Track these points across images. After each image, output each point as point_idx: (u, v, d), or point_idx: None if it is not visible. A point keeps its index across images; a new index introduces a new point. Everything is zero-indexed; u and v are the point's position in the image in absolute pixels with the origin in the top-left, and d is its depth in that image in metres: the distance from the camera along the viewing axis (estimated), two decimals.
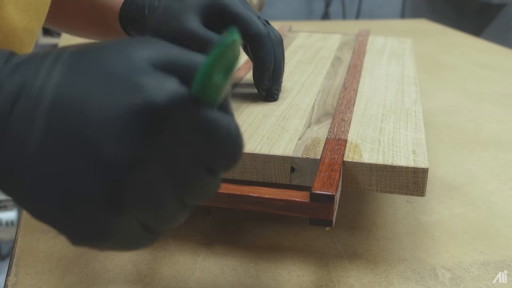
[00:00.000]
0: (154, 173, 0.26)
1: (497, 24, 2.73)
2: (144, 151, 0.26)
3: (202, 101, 0.26)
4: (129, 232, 0.28)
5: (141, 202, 0.27)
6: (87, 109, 0.25)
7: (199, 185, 0.28)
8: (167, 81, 0.26)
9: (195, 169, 0.28)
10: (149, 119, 0.25)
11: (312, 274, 0.44)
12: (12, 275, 0.44)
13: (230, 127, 0.28)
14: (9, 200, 1.83)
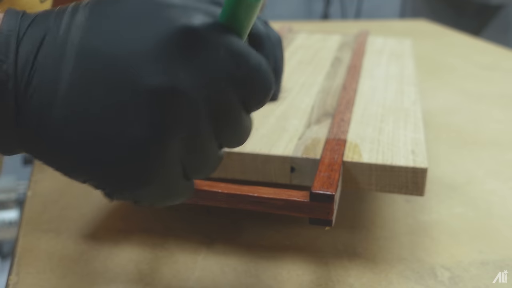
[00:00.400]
0: (195, 103, 0.26)
1: (496, 24, 2.73)
2: (183, 75, 0.25)
3: (232, 30, 0.27)
4: (170, 176, 0.27)
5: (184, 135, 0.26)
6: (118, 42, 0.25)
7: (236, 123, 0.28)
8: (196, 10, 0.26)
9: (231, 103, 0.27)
10: (186, 41, 0.25)
11: (312, 273, 0.44)
12: (13, 274, 0.44)
13: (260, 60, 0.28)
14: (11, 200, 1.83)
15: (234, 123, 0.28)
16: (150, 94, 0.25)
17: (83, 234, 0.49)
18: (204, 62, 0.26)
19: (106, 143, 0.25)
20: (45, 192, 0.57)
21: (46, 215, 0.52)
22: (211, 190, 0.39)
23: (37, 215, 0.53)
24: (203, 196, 0.39)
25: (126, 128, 0.25)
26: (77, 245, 0.48)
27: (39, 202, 0.55)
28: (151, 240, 0.48)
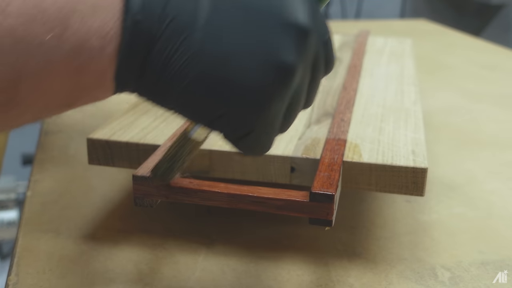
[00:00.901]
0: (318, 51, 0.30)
1: (497, 24, 2.73)
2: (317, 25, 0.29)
3: None
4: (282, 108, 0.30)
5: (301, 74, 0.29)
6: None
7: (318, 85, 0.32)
8: None
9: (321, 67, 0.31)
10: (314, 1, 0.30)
11: (312, 273, 0.44)
12: (13, 274, 0.44)
13: None
14: (10, 200, 1.83)
15: (317, 82, 0.32)
16: (297, 30, 0.28)
17: (83, 234, 0.49)
18: (320, 23, 0.30)
19: (246, 65, 0.27)
20: (45, 192, 0.57)
21: (46, 215, 0.52)
22: (211, 190, 0.39)
23: (37, 215, 0.52)
24: (203, 196, 0.39)
25: (270, 53, 0.28)
26: (76, 245, 0.48)
27: (38, 202, 0.55)
28: (151, 240, 0.48)
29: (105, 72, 0.28)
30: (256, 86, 0.28)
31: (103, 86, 0.28)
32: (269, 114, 0.29)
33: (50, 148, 0.68)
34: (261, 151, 0.32)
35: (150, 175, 0.39)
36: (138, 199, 0.41)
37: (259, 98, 0.28)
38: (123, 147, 0.46)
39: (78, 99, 0.28)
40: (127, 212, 0.53)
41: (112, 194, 0.56)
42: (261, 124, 0.30)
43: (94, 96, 0.29)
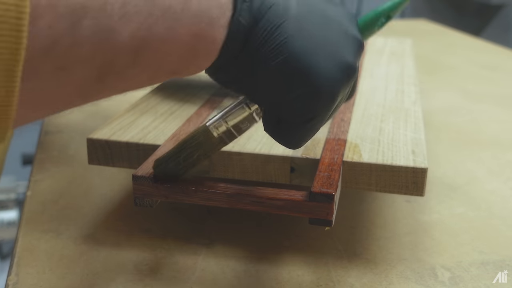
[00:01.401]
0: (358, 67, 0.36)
1: (497, 24, 2.73)
2: None
3: None
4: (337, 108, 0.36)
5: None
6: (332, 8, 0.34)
7: (339, 107, 0.37)
8: None
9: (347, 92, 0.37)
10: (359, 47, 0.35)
11: (312, 273, 0.44)
12: (13, 274, 0.44)
13: None
14: (10, 200, 1.83)
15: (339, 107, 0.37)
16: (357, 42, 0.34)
17: (83, 234, 0.49)
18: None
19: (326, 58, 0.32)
20: (45, 192, 0.57)
21: (46, 215, 0.52)
22: (211, 190, 0.39)
23: (37, 215, 0.52)
24: (203, 196, 0.39)
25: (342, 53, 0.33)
26: (76, 245, 0.48)
27: (38, 202, 0.55)
28: (151, 240, 0.48)
29: (216, 40, 0.31)
30: (332, 78, 0.32)
31: (211, 55, 0.31)
32: (333, 105, 0.34)
33: (50, 148, 0.68)
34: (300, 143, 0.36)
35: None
36: (138, 199, 0.41)
37: (333, 89, 0.33)
38: (123, 147, 0.46)
39: (186, 68, 0.31)
40: (127, 212, 0.53)
41: (112, 194, 0.56)
42: (325, 112, 0.34)
43: (198, 65, 0.32)
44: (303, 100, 0.33)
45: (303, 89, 0.32)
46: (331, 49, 0.32)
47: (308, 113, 0.33)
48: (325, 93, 0.32)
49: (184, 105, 0.54)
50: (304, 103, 0.33)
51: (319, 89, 0.32)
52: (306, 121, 0.34)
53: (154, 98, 0.57)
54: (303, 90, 0.32)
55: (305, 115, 0.34)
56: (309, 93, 0.32)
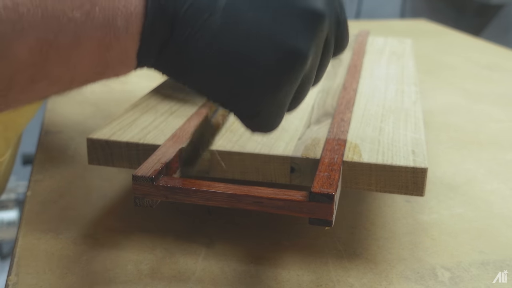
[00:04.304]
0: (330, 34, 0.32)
1: (497, 24, 2.73)
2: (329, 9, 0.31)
3: None
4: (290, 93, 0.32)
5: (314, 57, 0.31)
6: None
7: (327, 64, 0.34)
8: None
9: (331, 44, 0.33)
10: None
11: (312, 273, 0.44)
12: (13, 274, 0.44)
13: None
14: (10, 200, 1.83)
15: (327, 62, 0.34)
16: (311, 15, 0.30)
17: (83, 235, 0.49)
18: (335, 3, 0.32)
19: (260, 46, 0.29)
20: (45, 192, 0.57)
21: (46, 215, 0.52)
22: (211, 190, 0.39)
23: (37, 215, 0.52)
24: (203, 196, 0.39)
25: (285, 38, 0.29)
26: (76, 246, 0.48)
27: (38, 202, 0.55)
28: (151, 240, 0.48)
29: (129, 49, 0.29)
30: (269, 69, 0.30)
31: (126, 62, 0.29)
32: (279, 95, 0.31)
33: (50, 148, 0.68)
34: (270, 129, 0.34)
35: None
36: (138, 199, 0.41)
37: (272, 80, 0.30)
38: (123, 147, 0.46)
39: (102, 74, 0.29)
40: (127, 212, 0.53)
41: (112, 194, 0.56)
42: (272, 104, 0.32)
43: (117, 71, 0.30)
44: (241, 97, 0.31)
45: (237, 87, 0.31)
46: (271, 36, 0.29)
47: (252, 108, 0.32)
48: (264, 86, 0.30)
49: (184, 105, 0.54)
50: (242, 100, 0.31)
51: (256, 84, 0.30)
52: (255, 115, 0.32)
53: (154, 98, 0.57)
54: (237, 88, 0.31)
55: (249, 110, 0.32)
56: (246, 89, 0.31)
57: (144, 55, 0.30)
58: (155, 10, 0.28)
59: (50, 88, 0.28)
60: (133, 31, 0.28)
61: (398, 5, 2.79)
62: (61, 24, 0.26)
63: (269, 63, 0.29)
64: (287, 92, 0.32)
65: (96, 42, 0.27)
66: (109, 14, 0.27)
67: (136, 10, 0.28)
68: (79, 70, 0.28)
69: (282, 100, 0.32)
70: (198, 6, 0.28)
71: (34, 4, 0.24)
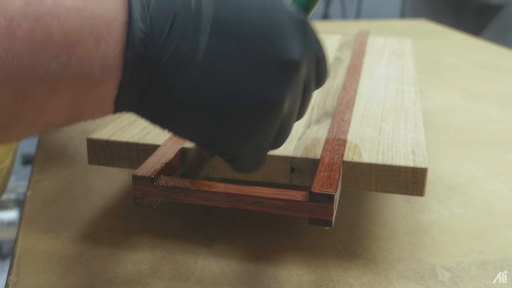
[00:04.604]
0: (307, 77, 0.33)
1: (497, 24, 2.73)
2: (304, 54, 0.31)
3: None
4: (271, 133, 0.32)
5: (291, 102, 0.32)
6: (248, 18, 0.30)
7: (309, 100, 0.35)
8: None
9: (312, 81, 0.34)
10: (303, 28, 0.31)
11: (312, 273, 0.44)
12: (13, 274, 0.44)
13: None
14: (10, 200, 1.83)
15: (309, 99, 0.35)
16: (286, 66, 0.30)
17: (83, 235, 0.49)
18: (312, 45, 0.32)
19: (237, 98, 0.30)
20: (45, 193, 0.57)
21: (46, 216, 0.52)
22: (211, 190, 0.39)
23: (37, 216, 0.52)
24: (203, 196, 0.39)
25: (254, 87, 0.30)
26: (76, 246, 0.48)
27: (38, 202, 0.55)
28: (151, 240, 0.48)
29: (106, 98, 0.29)
30: (244, 118, 0.30)
31: (104, 109, 0.29)
32: (256, 141, 0.32)
33: (50, 148, 0.68)
34: (251, 170, 0.36)
35: None
36: (138, 199, 0.41)
37: (247, 128, 0.31)
38: (123, 147, 0.46)
39: (78, 119, 0.30)
40: (127, 212, 0.53)
41: (112, 194, 0.56)
42: (249, 149, 0.33)
43: (94, 116, 0.30)
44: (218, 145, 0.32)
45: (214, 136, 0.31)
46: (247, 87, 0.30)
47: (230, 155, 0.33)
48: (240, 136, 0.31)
49: None
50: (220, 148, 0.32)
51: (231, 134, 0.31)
52: (234, 160, 0.33)
53: None
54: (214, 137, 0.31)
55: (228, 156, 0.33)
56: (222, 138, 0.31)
57: (122, 103, 0.29)
58: (134, 62, 0.28)
59: (25, 132, 0.28)
60: (111, 82, 0.28)
61: (398, 5, 2.79)
62: (37, 75, 0.25)
63: (244, 112, 0.30)
64: (265, 137, 0.33)
65: (73, 92, 0.27)
66: (86, 65, 0.27)
67: (115, 62, 0.27)
68: (54, 116, 0.28)
69: (261, 145, 0.33)
70: (177, 58, 0.28)
71: (10, 55, 0.24)
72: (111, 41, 0.27)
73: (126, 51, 0.27)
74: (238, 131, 0.31)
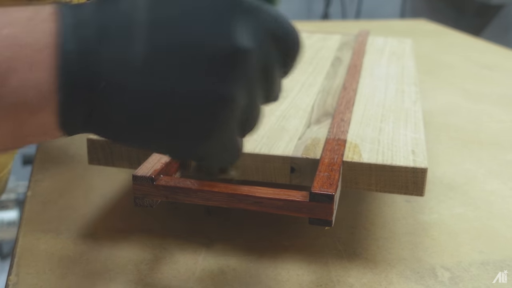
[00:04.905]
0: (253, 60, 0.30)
1: (497, 24, 2.73)
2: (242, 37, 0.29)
3: None
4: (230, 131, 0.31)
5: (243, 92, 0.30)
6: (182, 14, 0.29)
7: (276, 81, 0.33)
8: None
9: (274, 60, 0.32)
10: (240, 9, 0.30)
11: (312, 273, 0.44)
12: (13, 274, 0.44)
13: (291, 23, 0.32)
14: (10, 200, 1.83)
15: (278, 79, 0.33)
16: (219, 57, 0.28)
17: (83, 235, 0.49)
18: (256, 24, 0.30)
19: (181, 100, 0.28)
20: (45, 192, 0.57)
21: (46, 215, 0.52)
22: (211, 190, 0.39)
23: (37, 215, 0.53)
24: (203, 196, 0.39)
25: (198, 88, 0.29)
26: (76, 246, 0.48)
27: (38, 202, 0.55)
28: (151, 240, 0.48)
29: (48, 124, 0.28)
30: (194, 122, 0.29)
31: (49, 134, 0.29)
32: (216, 140, 0.31)
33: (50, 148, 0.68)
34: (227, 162, 0.35)
35: None
36: (138, 199, 0.41)
37: (200, 132, 0.30)
38: (123, 147, 0.46)
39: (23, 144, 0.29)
40: (127, 212, 0.53)
41: (112, 194, 0.56)
42: (213, 149, 0.32)
43: (41, 140, 0.30)
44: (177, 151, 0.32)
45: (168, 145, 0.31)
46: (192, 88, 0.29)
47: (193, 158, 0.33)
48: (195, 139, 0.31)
49: None
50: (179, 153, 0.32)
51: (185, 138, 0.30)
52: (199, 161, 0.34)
53: None
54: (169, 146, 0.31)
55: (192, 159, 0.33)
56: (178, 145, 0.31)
57: (70, 126, 0.29)
58: (67, 86, 0.27)
59: None
60: (49, 108, 0.27)
61: (398, 5, 2.79)
62: None
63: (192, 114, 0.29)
64: (224, 132, 0.31)
65: (12, 120, 0.27)
66: (22, 94, 0.26)
67: (50, 88, 0.27)
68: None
69: (223, 140, 0.32)
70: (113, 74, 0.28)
71: None
72: (44, 67, 0.27)
73: (59, 75, 0.27)
74: (191, 134, 0.30)
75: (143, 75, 0.28)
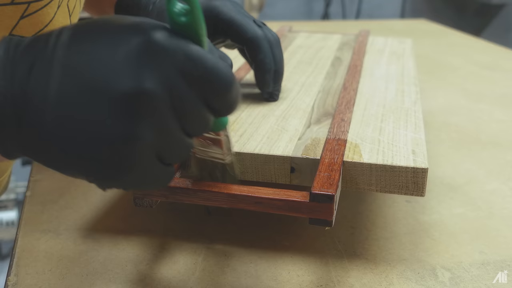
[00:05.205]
0: (160, 101, 0.30)
1: (497, 24, 2.73)
2: (148, 79, 0.30)
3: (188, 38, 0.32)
4: (146, 163, 0.31)
5: (153, 129, 0.30)
6: (94, 57, 0.30)
7: (200, 116, 0.32)
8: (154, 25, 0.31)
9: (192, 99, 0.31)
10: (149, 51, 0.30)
11: (312, 273, 0.44)
12: (12, 275, 0.44)
13: (217, 61, 0.31)
14: (10, 200, 1.82)
15: (198, 116, 0.32)
16: (122, 98, 0.29)
17: (83, 235, 0.49)
18: (165, 66, 0.30)
19: (90, 141, 0.29)
20: (44, 193, 0.57)
21: (45, 216, 0.52)
22: (211, 190, 0.39)
23: (36, 216, 0.52)
24: (203, 196, 0.39)
25: (105, 128, 0.29)
26: (76, 246, 0.48)
27: (38, 202, 0.55)
28: (151, 240, 0.48)
29: None
30: (104, 160, 0.30)
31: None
32: (133, 175, 0.31)
33: None
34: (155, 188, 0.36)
35: None
36: (138, 199, 0.41)
37: (112, 168, 0.30)
38: None
39: None
40: (127, 212, 0.53)
41: (112, 194, 0.56)
42: (131, 182, 0.32)
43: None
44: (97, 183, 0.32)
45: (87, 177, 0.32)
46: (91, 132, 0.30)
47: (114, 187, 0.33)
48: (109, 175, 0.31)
49: None
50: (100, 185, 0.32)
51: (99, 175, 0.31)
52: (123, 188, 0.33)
53: None
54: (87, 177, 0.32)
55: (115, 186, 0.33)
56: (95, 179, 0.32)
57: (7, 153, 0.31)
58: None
59: None
60: None
61: (398, 5, 2.79)
62: None
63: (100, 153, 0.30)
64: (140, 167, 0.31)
65: None
66: None
67: None
68: None
69: (140, 173, 0.31)
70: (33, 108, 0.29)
71: None
72: None
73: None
74: (104, 169, 0.30)
75: (57, 112, 0.29)
